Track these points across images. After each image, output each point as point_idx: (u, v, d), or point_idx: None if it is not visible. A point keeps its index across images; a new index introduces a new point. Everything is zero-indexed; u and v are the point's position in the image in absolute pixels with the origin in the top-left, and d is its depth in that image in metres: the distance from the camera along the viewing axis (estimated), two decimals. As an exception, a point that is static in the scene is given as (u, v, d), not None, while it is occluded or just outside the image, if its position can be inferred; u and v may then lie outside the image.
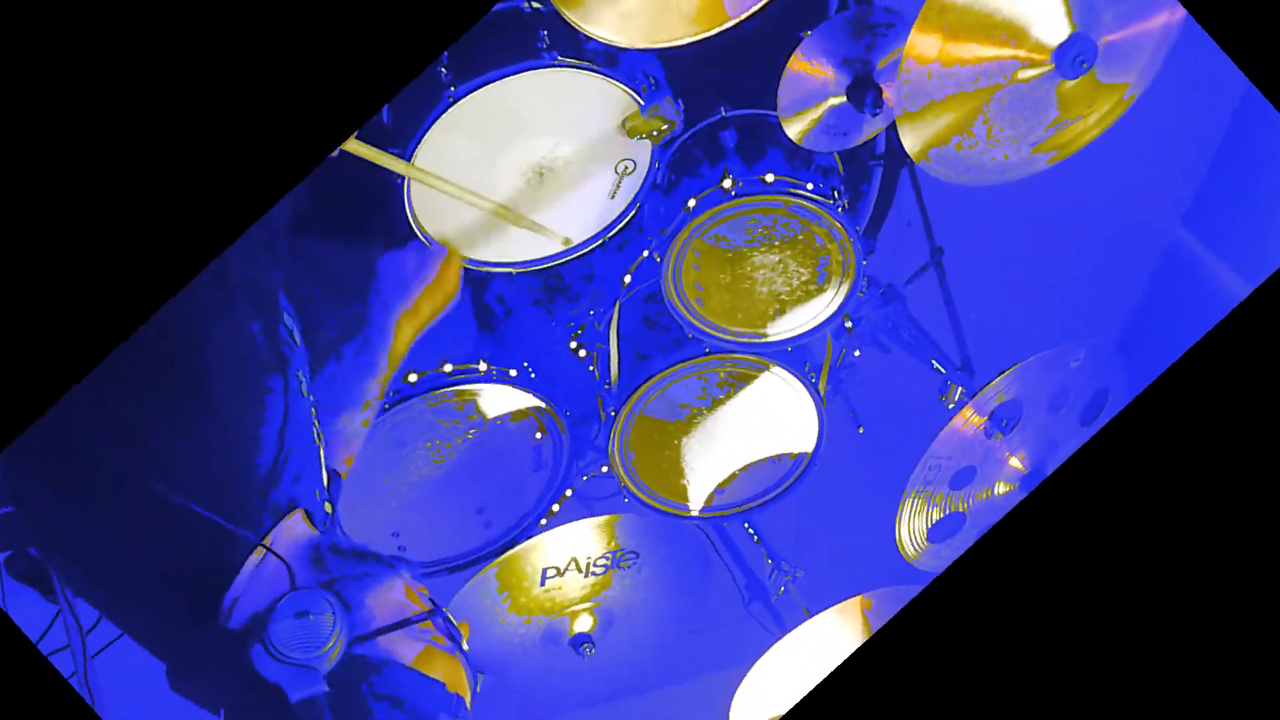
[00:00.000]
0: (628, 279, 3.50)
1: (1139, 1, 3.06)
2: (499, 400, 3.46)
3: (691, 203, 3.32)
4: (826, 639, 3.67)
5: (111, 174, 2.32)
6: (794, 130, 3.28)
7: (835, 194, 3.38)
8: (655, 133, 3.19)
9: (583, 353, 3.61)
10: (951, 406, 3.63)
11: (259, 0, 2.32)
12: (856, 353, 3.74)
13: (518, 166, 3.19)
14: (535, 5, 3.15)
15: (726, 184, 3.31)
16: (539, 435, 3.55)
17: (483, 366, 3.41)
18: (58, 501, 2.43)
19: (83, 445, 2.38)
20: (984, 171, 3.22)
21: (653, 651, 3.86)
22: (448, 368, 3.37)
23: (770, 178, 3.31)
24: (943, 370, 3.68)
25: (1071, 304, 4.00)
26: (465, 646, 2.47)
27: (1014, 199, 3.48)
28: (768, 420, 3.64)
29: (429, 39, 2.59)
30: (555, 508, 3.68)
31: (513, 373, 3.44)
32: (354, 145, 2.91)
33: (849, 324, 3.69)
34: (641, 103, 3.18)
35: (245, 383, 2.51)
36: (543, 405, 3.48)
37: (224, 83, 2.33)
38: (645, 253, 3.46)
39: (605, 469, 3.70)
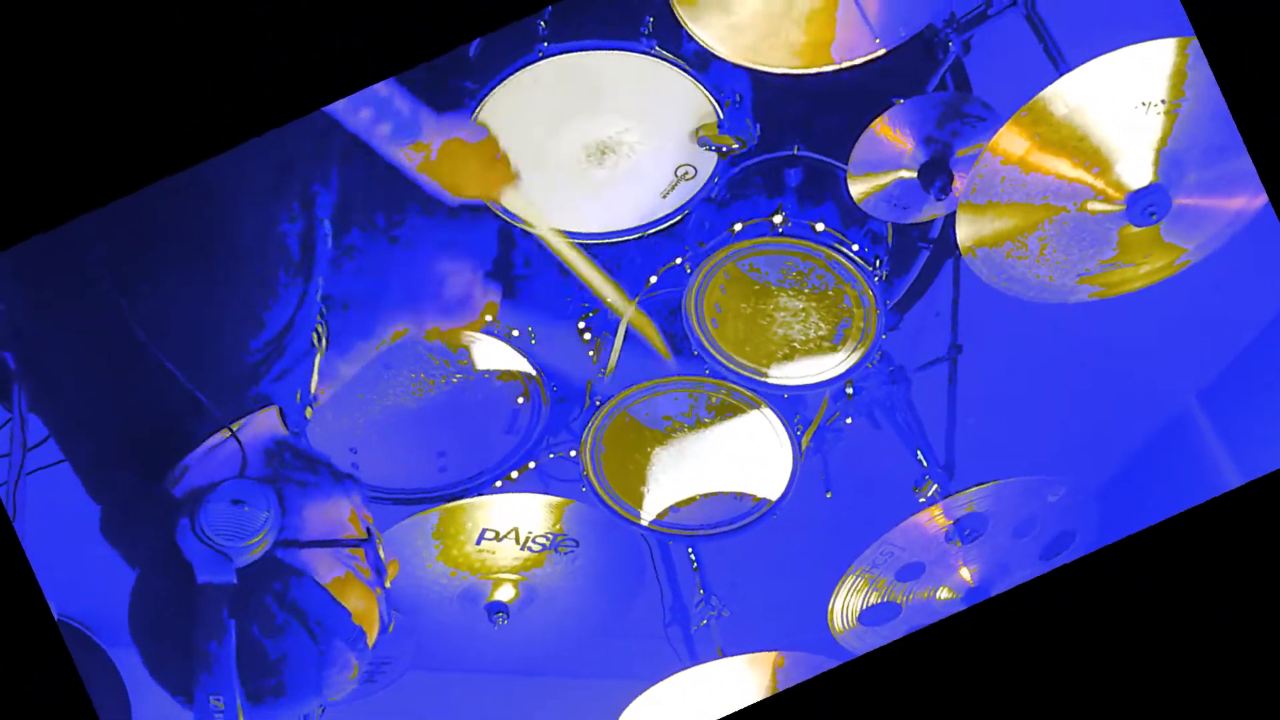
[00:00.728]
0: (654, 279, 3.49)
1: (1225, 175, 3.05)
2: (493, 355, 3.46)
3: (738, 226, 3.32)
4: (731, 683, 3.67)
5: (219, 24, 2.34)
6: (857, 189, 3.28)
7: (877, 262, 3.38)
8: (724, 149, 3.19)
9: (587, 336, 3.61)
10: (922, 500, 3.63)
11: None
12: (848, 420, 3.74)
13: (583, 138, 3.19)
14: (649, -10, 3.16)
15: (777, 219, 3.31)
16: (520, 400, 3.55)
17: (489, 318, 3.41)
18: (47, 315, 2.43)
19: (88, 270, 2.38)
20: (1025, 285, 3.22)
21: (561, 640, 3.86)
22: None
23: (820, 227, 3.31)
24: (925, 463, 3.68)
25: (1067, 440, 4.00)
26: (388, 584, 2.45)
27: (1045, 320, 3.48)
28: (743, 457, 3.64)
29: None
30: (514, 475, 3.68)
31: (515, 333, 3.44)
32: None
33: (850, 390, 3.68)
34: (721, 116, 3.18)
35: (266, 269, 2.50)
36: (533, 373, 3.48)
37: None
38: (678, 260, 3.45)
39: (573, 454, 3.70)
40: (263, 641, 2.26)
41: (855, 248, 3.33)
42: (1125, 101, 2.91)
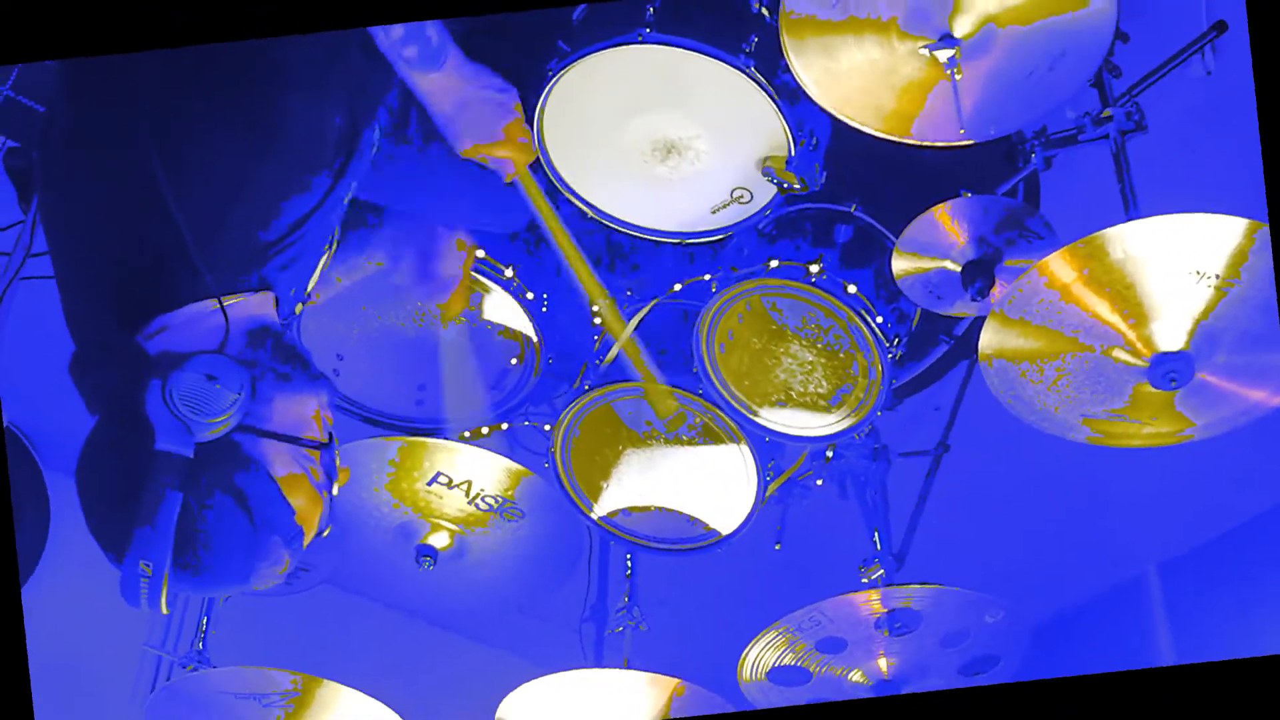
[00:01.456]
0: (678, 287, 3.50)
1: (1254, 366, 3.04)
2: (502, 310, 3.46)
3: (774, 263, 3.31)
4: (626, 696, 3.67)
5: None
6: (899, 265, 3.27)
7: (896, 341, 3.37)
8: (785, 185, 3.18)
9: (598, 320, 3.61)
10: (865, 581, 3.63)
11: None
12: (819, 481, 3.74)
13: (653, 132, 3.18)
14: (764, 10, 3.14)
15: (814, 269, 3.31)
16: (514, 362, 3.55)
17: (509, 273, 3.41)
18: (84, 134, 2.42)
19: (137, 104, 2.36)
20: (1029, 408, 3.21)
21: (478, 602, 3.86)
22: (480, 253, 3.37)
23: (852, 289, 3.31)
24: (878, 547, 3.68)
25: (1022, 568, 4.00)
26: (335, 491, 2.45)
27: (1038, 447, 3.47)
28: (708, 484, 3.64)
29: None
30: (485, 430, 3.68)
31: (530, 295, 3.43)
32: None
33: (830, 454, 3.68)
34: (793, 153, 3.17)
35: (305, 158, 2.49)
36: (535, 339, 3.48)
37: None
38: (708, 276, 3.45)
39: (547, 428, 3.70)
40: (204, 520, 2.25)
41: (879, 320, 3.32)
42: (1181, 264, 2.90)
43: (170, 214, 2.28)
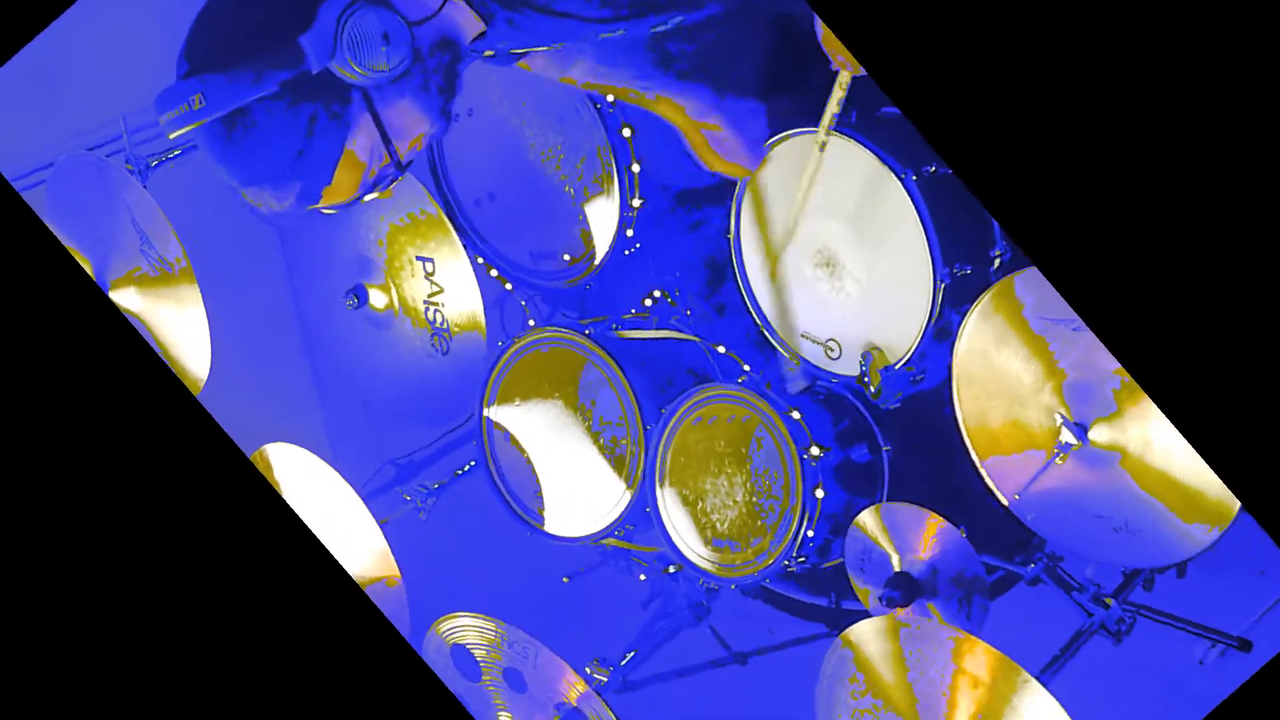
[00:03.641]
0: (720, 349, 3.50)
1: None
2: (601, 222, 3.45)
3: (795, 414, 3.31)
4: (353, 538, 3.65)
5: None
6: (865, 519, 3.24)
7: (801, 560, 3.36)
8: (867, 379, 3.19)
9: (648, 302, 3.62)
10: (587, 671, 3.62)
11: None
12: (643, 577, 3.74)
13: (833, 240, 3.18)
14: (998, 260, 3.14)
15: (815, 451, 3.30)
16: (567, 258, 3.54)
17: (637, 202, 3.39)
18: None
19: None
20: (829, 710, 3.19)
21: (349, 365, 3.84)
22: (635, 168, 3.36)
23: (820, 494, 3.30)
24: (623, 662, 3.67)
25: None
26: (366, 200, 2.45)
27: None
28: (576, 486, 3.64)
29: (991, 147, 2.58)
30: (494, 273, 3.69)
31: (630, 233, 3.43)
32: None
33: (672, 569, 3.68)
34: (896, 368, 3.16)
35: None
36: (597, 262, 3.48)
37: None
38: (747, 367, 3.46)
39: (532, 324, 3.72)
40: (270, 120, 2.26)
41: (810, 534, 3.31)
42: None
43: None
